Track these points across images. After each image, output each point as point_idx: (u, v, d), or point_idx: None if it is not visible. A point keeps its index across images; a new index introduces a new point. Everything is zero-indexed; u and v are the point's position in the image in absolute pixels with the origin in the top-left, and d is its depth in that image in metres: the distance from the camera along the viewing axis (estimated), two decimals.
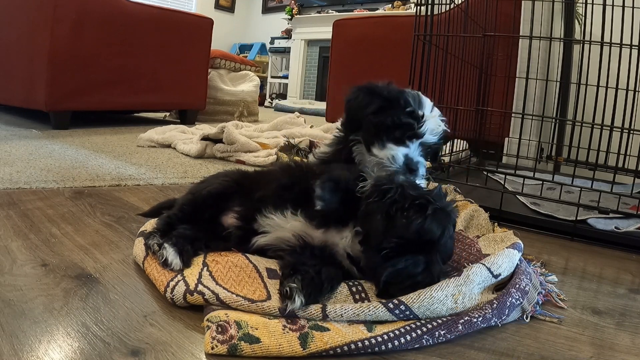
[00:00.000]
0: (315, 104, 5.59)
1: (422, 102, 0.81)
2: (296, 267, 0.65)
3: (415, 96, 0.81)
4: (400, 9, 5.39)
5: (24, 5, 2.39)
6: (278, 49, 6.73)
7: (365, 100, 0.82)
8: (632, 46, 1.20)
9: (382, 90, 0.82)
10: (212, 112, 3.37)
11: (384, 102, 0.80)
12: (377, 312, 0.60)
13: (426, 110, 0.79)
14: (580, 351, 0.61)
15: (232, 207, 0.80)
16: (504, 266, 0.71)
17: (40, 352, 0.52)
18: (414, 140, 0.78)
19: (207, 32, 3.10)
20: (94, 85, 2.45)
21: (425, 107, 0.80)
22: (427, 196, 0.66)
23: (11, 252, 0.79)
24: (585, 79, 1.51)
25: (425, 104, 0.81)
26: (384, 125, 0.78)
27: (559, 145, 1.86)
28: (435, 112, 0.82)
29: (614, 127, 1.18)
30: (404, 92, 0.81)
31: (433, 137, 0.80)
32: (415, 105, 0.79)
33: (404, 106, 0.79)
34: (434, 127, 0.79)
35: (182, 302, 0.63)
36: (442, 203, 0.68)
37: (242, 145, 1.85)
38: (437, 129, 0.80)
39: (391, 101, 0.80)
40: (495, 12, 1.74)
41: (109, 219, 1.01)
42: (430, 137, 0.79)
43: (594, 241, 1.09)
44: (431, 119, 0.79)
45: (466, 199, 1.18)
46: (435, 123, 0.80)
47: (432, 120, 0.79)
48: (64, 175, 1.36)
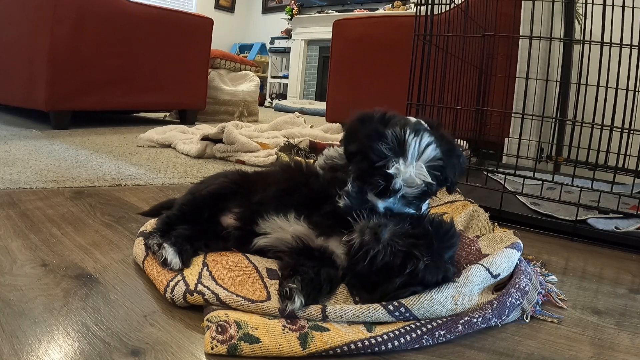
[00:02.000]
0: (315, 104, 5.59)
1: (404, 146, 0.66)
2: (296, 268, 0.65)
3: (396, 139, 0.67)
4: (400, 9, 5.39)
5: (24, 5, 2.39)
6: (278, 49, 6.73)
7: (350, 136, 0.74)
8: (632, 46, 1.20)
9: (363, 130, 0.71)
10: (212, 112, 3.37)
11: (362, 147, 0.69)
12: (377, 314, 0.60)
13: (407, 158, 0.66)
14: (580, 351, 0.61)
15: (231, 208, 0.80)
16: (503, 266, 0.71)
17: (40, 352, 0.52)
18: (390, 195, 0.67)
19: (207, 32, 3.10)
20: (94, 85, 2.45)
21: (408, 152, 0.66)
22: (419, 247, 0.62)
23: (11, 252, 0.79)
24: (585, 79, 1.51)
25: (410, 147, 0.66)
26: (360, 176, 0.69)
27: (559, 145, 1.86)
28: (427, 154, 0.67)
29: (614, 127, 1.18)
30: (383, 136, 0.68)
31: (412, 190, 0.67)
32: (393, 152, 0.66)
33: (375, 159, 0.67)
34: (410, 181, 0.66)
35: (182, 302, 0.63)
36: (438, 241, 0.64)
37: (242, 145, 1.85)
38: (416, 181, 0.66)
39: (364, 150, 0.69)
40: (495, 12, 1.73)
41: (109, 219, 1.01)
42: (408, 191, 0.67)
43: (594, 241, 1.09)
44: (407, 173, 0.65)
45: (466, 199, 1.18)
46: (411, 175, 0.66)
47: (408, 172, 0.65)
48: (64, 175, 1.36)
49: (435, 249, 0.63)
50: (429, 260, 0.62)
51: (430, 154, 0.67)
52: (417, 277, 0.62)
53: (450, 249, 0.67)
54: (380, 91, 2.79)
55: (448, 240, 0.66)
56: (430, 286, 0.63)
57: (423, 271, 0.62)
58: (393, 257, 0.62)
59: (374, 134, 0.68)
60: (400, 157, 0.66)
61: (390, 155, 0.66)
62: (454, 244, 0.68)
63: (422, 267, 0.61)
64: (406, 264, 0.62)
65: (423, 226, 0.66)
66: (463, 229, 0.99)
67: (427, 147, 0.67)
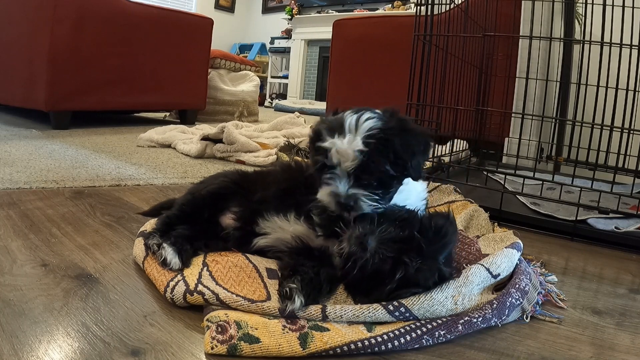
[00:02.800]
0: (315, 104, 5.59)
1: (340, 126, 0.65)
2: (296, 268, 0.65)
3: (335, 121, 0.67)
4: (400, 9, 5.39)
5: (24, 5, 2.39)
6: (278, 49, 6.73)
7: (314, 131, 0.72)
8: (632, 46, 1.20)
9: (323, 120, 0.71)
10: (212, 112, 3.37)
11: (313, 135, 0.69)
12: (377, 314, 0.60)
13: (343, 136, 0.64)
14: (580, 351, 0.61)
15: (231, 208, 0.80)
16: (503, 266, 0.71)
17: (40, 352, 0.52)
18: (329, 174, 0.66)
19: (207, 32, 3.10)
20: (94, 85, 2.45)
21: (344, 131, 0.65)
22: (408, 252, 0.61)
23: (11, 252, 0.79)
24: (585, 79, 1.50)
25: (346, 125, 0.65)
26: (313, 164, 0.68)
27: (559, 145, 1.86)
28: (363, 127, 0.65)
29: (614, 127, 1.18)
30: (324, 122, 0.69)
31: (349, 163, 0.64)
32: (330, 133, 0.66)
33: (315, 140, 0.67)
34: (345, 154, 0.64)
35: (182, 302, 0.63)
36: (428, 243, 0.62)
37: (242, 145, 1.85)
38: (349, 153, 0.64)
39: (312, 135, 0.69)
40: (495, 12, 1.73)
41: (109, 219, 1.01)
42: (346, 164, 0.64)
43: (594, 241, 1.09)
44: (340, 145, 0.64)
45: (466, 199, 1.18)
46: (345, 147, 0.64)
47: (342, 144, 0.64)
48: (64, 175, 1.36)
49: (425, 252, 0.62)
50: (419, 264, 0.61)
51: (368, 125, 0.65)
52: (409, 281, 0.61)
53: (443, 249, 0.65)
54: (380, 91, 2.79)
55: (440, 240, 0.64)
56: (428, 288, 0.63)
57: (415, 275, 0.61)
58: (382, 263, 0.61)
59: (320, 122, 0.70)
60: (337, 133, 0.65)
61: (327, 133, 0.66)
62: (447, 243, 0.65)
63: (412, 272, 0.61)
64: (396, 270, 0.61)
65: (412, 228, 0.64)
66: (463, 229, 0.98)
67: (365, 120, 0.65)
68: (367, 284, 0.64)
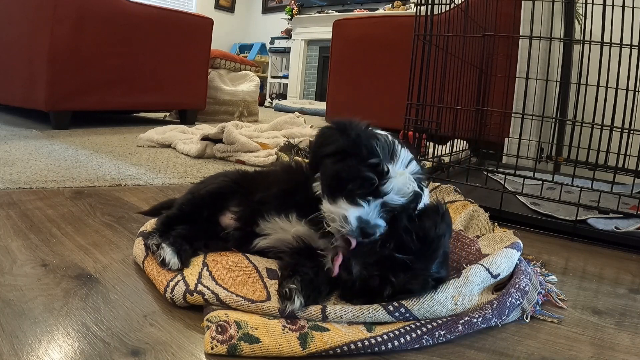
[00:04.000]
0: (315, 104, 5.58)
1: (395, 153, 0.65)
2: (295, 268, 0.65)
3: (387, 144, 0.66)
4: (400, 9, 5.39)
5: (24, 5, 2.39)
6: (278, 49, 6.73)
7: (325, 139, 0.70)
8: (632, 46, 1.20)
9: (349, 130, 0.67)
10: (212, 112, 3.37)
11: (345, 146, 0.66)
12: (377, 314, 0.60)
13: (397, 165, 0.64)
14: (580, 351, 0.61)
15: (231, 207, 0.80)
16: (503, 266, 0.71)
17: (40, 352, 0.52)
18: (371, 199, 0.63)
19: (207, 32, 3.10)
20: (94, 85, 2.45)
21: (397, 159, 0.65)
22: (394, 270, 0.61)
23: (11, 252, 0.79)
24: (585, 79, 1.51)
25: (400, 155, 0.65)
26: (338, 176, 0.65)
27: (559, 145, 1.86)
28: (412, 167, 0.66)
29: (614, 127, 1.18)
30: (374, 137, 0.66)
31: (399, 198, 0.64)
32: (385, 155, 0.64)
33: (367, 155, 0.64)
34: (401, 187, 0.63)
35: (182, 302, 0.63)
36: (418, 256, 0.62)
37: (242, 145, 1.85)
38: (405, 190, 0.63)
39: (354, 146, 0.65)
40: (495, 12, 1.73)
41: (109, 219, 1.01)
42: (394, 198, 0.63)
43: (594, 241, 1.09)
44: (400, 176, 0.63)
45: (466, 199, 1.18)
46: (405, 181, 0.63)
47: (401, 177, 0.63)
48: (64, 175, 1.36)
49: (413, 267, 0.61)
50: (409, 277, 0.61)
51: (414, 168, 0.66)
52: (403, 293, 0.62)
53: (433, 258, 0.63)
54: (380, 91, 2.79)
55: (427, 249, 0.63)
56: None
57: (407, 288, 0.61)
58: (371, 281, 0.62)
59: (364, 133, 0.67)
60: (390, 162, 0.64)
61: (383, 156, 0.64)
62: (437, 249, 0.63)
63: (402, 286, 0.61)
64: (384, 288, 0.61)
65: (391, 247, 0.62)
66: (463, 229, 0.99)
67: (411, 160, 0.66)
68: (360, 295, 0.64)
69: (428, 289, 0.63)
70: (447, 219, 0.68)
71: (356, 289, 0.63)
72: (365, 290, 0.63)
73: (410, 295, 0.62)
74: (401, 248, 0.62)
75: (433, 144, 1.54)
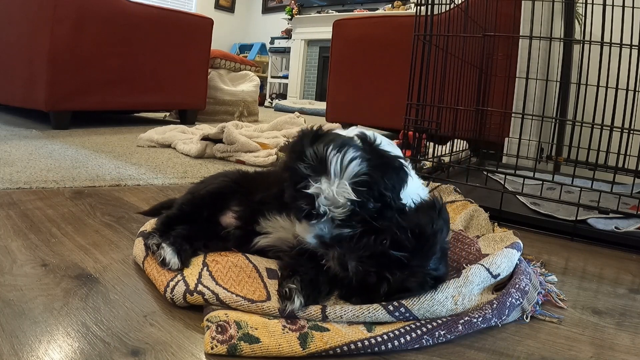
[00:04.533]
0: (315, 104, 5.59)
1: (327, 166, 0.60)
2: (295, 268, 0.65)
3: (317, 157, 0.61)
4: (400, 9, 5.39)
5: (24, 5, 2.39)
6: (278, 49, 6.73)
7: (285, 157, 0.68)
8: (632, 46, 1.20)
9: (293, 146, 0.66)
10: (212, 112, 3.37)
11: (285, 173, 0.66)
12: (377, 314, 0.60)
13: (331, 176, 0.60)
14: (580, 351, 0.61)
15: (231, 207, 0.80)
16: (503, 266, 0.71)
17: (40, 352, 0.52)
18: (315, 221, 0.62)
19: (207, 32, 3.10)
20: (94, 85, 2.45)
21: (330, 171, 0.60)
22: (390, 266, 0.60)
23: (11, 252, 0.79)
24: (585, 79, 1.50)
25: (330, 166, 0.60)
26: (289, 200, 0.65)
27: (559, 145, 1.86)
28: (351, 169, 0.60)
29: (614, 127, 1.18)
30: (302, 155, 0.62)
31: (340, 210, 0.61)
32: (315, 171, 0.61)
33: (298, 179, 0.62)
34: (334, 201, 0.60)
35: (182, 302, 0.63)
36: (412, 254, 0.61)
37: (242, 145, 1.85)
38: (339, 202, 0.60)
39: (287, 170, 0.65)
40: (495, 12, 1.73)
41: (109, 219, 1.01)
42: (337, 212, 0.61)
43: (594, 241, 1.09)
44: (329, 192, 0.60)
45: (466, 199, 1.18)
46: (335, 195, 0.59)
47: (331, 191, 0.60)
48: (64, 175, 1.36)
49: (409, 264, 0.60)
50: (406, 275, 0.60)
51: (354, 169, 0.60)
52: (401, 291, 0.61)
53: (429, 255, 0.62)
54: (380, 91, 2.79)
55: (423, 245, 0.62)
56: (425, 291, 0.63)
57: (404, 286, 0.61)
58: (367, 277, 0.61)
59: (295, 154, 0.64)
60: (323, 175, 0.60)
61: (310, 175, 0.61)
62: (433, 245, 0.62)
63: (399, 283, 0.60)
64: (380, 285, 0.61)
65: (385, 244, 0.61)
66: (463, 229, 0.98)
67: (350, 162, 0.60)
68: (359, 292, 0.64)
69: (427, 287, 0.62)
70: (444, 215, 0.66)
71: (353, 286, 0.62)
72: (362, 287, 0.62)
73: (409, 293, 0.62)
74: (396, 245, 0.61)
75: (433, 144, 1.54)
